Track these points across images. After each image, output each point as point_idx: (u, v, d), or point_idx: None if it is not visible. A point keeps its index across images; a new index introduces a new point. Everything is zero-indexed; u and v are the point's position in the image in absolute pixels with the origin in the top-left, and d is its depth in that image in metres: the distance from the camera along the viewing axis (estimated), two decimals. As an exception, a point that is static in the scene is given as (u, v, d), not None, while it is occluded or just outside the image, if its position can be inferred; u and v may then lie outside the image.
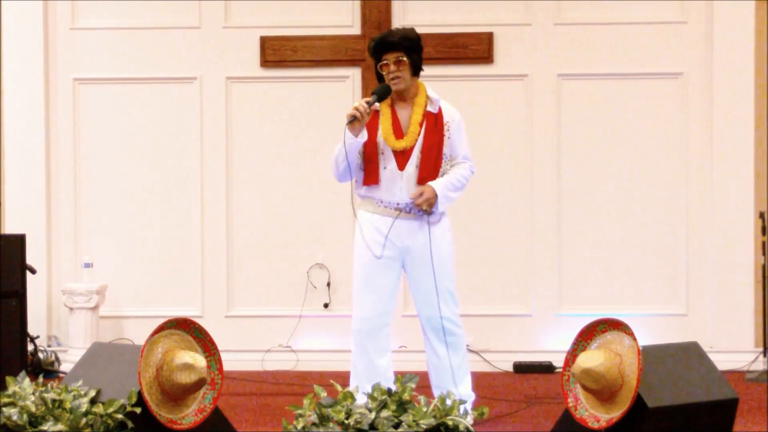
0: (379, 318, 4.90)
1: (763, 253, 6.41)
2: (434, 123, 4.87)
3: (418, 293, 4.98)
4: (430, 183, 4.84)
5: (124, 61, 7.02)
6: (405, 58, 4.82)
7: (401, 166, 4.84)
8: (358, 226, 4.96)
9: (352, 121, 4.68)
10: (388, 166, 4.84)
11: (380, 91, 4.81)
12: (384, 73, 4.85)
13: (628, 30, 6.84)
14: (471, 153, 5.05)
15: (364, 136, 4.78)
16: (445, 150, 4.91)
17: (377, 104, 4.83)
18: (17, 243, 6.16)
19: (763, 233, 6.39)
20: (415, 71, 4.89)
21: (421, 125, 4.86)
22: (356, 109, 4.68)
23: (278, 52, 6.93)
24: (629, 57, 6.85)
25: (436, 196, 4.82)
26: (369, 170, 4.86)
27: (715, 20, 6.70)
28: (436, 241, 4.91)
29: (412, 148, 4.84)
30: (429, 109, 4.89)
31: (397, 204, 4.88)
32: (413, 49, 4.85)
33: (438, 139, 4.87)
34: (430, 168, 4.85)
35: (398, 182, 4.85)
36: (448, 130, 4.92)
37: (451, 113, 4.95)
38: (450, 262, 5.00)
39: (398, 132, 4.84)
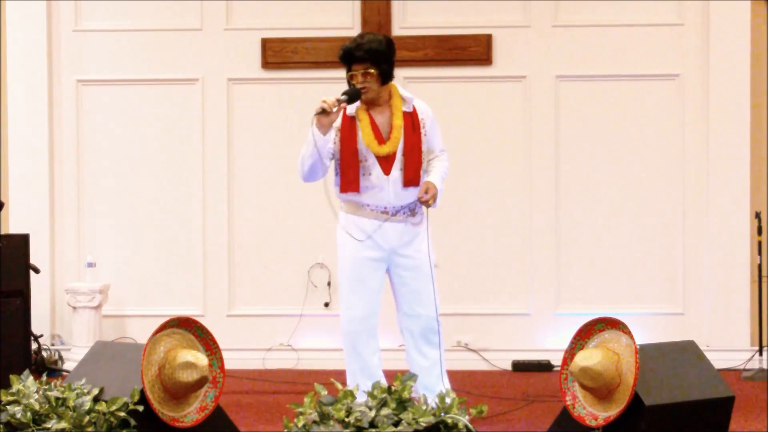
0: (370, 319, 4.88)
1: (759, 253, 6.43)
2: (411, 124, 4.85)
3: (408, 294, 4.92)
4: (429, 180, 4.84)
5: (127, 62, 7.04)
6: (372, 70, 4.75)
7: (387, 171, 4.80)
8: (341, 228, 4.93)
9: (320, 113, 4.60)
10: (373, 172, 4.80)
11: (351, 93, 4.74)
12: (353, 82, 4.79)
13: (626, 32, 6.85)
14: (444, 143, 5.03)
15: (331, 136, 4.73)
16: (423, 147, 4.89)
17: (350, 108, 4.81)
18: (21, 243, 6.18)
19: (759, 233, 6.42)
20: (385, 80, 4.81)
21: (401, 128, 4.83)
22: (324, 101, 4.61)
23: (279, 54, 6.95)
24: (627, 59, 6.86)
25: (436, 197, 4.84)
26: (349, 178, 4.81)
27: (712, 22, 6.72)
28: (420, 241, 4.90)
29: (395, 152, 4.82)
30: (404, 109, 4.86)
31: (384, 208, 4.85)
32: (381, 59, 4.76)
33: (417, 139, 4.85)
34: (415, 169, 4.83)
35: (385, 187, 4.81)
36: (423, 127, 4.89)
37: (423, 109, 4.92)
38: (432, 260, 4.93)
39: (380, 137, 4.81)
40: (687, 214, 6.84)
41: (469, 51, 6.85)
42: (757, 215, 6.46)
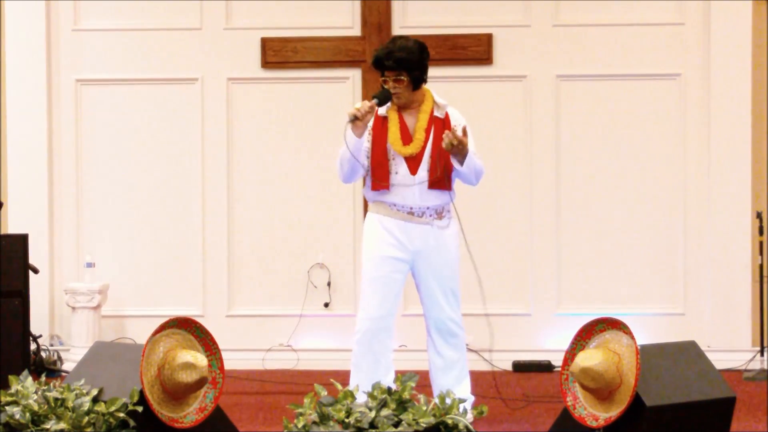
0: (386, 319, 4.91)
1: (761, 253, 6.42)
2: (441, 128, 4.89)
3: (425, 295, 5.00)
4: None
5: (126, 62, 7.03)
6: (403, 77, 4.79)
7: (413, 170, 4.86)
8: (368, 227, 4.98)
9: (353, 120, 4.70)
10: (399, 171, 4.86)
11: (381, 95, 4.83)
12: (386, 87, 4.85)
13: (627, 31, 6.85)
14: (480, 156, 5.06)
15: (365, 136, 4.80)
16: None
17: (381, 108, 4.88)
18: (20, 243, 6.17)
19: (761, 233, 6.41)
20: (417, 85, 4.86)
21: (427, 131, 4.87)
22: (357, 109, 4.70)
23: (279, 53, 6.95)
24: (627, 58, 6.86)
25: (467, 153, 4.79)
26: (379, 175, 4.87)
27: (713, 22, 6.71)
28: (445, 244, 4.95)
29: (421, 153, 4.86)
30: (436, 114, 4.91)
31: (410, 208, 4.90)
32: (413, 66, 4.80)
33: None
34: (441, 172, 4.88)
35: (411, 187, 4.87)
36: None
37: (457, 118, 4.97)
38: (456, 265, 5.03)
39: (405, 138, 4.86)
40: (688, 214, 6.83)
41: (470, 50, 6.85)
42: (758, 215, 6.45)
